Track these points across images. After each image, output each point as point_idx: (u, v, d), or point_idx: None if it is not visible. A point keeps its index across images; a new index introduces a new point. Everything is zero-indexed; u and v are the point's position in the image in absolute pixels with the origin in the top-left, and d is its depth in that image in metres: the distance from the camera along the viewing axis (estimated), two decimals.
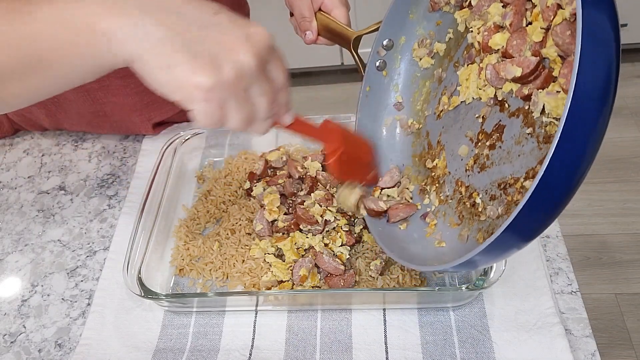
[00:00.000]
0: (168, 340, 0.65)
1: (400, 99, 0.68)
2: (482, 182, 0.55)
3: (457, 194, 0.58)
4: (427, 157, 0.64)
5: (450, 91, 0.62)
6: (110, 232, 0.78)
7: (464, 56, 0.60)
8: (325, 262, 0.65)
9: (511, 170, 0.51)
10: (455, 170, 0.59)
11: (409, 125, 0.68)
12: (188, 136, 0.82)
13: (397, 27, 0.66)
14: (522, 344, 0.60)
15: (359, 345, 0.63)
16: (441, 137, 0.63)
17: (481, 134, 0.57)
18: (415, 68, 0.68)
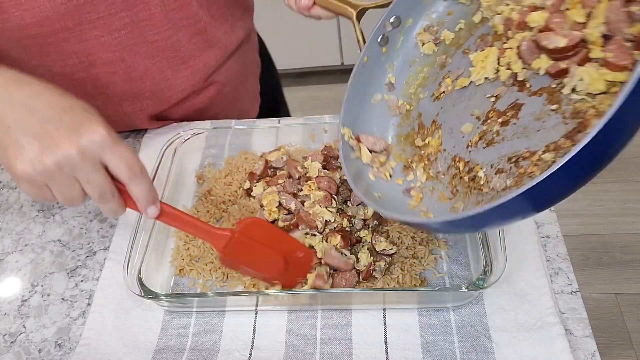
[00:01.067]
0: (168, 340, 0.65)
1: (392, 80, 0.68)
2: (487, 157, 0.55)
3: (452, 169, 0.58)
4: (416, 136, 0.64)
5: (455, 75, 0.62)
6: (110, 232, 0.78)
7: (477, 43, 0.61)
8: (335, 257, 0.65)
9: (526, 144, 0.52)
10: (453, 147, 0.59)
11: (398, 106, 0.67)
12: (188, 136, 0.82)
13: (408, 7, 0.66)
14: (522, 344, 0.60)
15: (359, 345, 0.63)
16: (438, 117, 0.63)
17: (492, 112, 0.57)
18: (416, 52, 0.68)
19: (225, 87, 0.92)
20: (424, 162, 0.62)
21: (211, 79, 0.88)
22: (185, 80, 0.85)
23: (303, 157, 0.78)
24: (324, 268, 0.65)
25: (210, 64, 0.86)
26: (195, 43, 0.82)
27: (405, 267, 0.67)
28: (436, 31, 0.66)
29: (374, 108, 0.68)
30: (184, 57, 0.82)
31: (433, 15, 0.66)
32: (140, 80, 0.81)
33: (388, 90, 0.68)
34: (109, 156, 0.52)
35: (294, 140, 0.84)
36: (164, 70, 0.82)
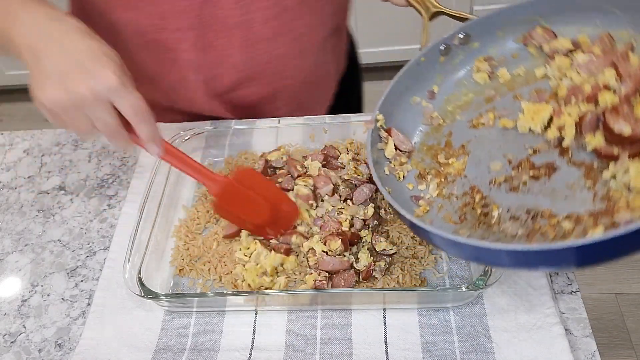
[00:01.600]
0: (168, 340, 0.65)
1: (435, 90, 0.68)
2: (506, 200, 0.56)
3: (467, 197, 0.59)
4: (440, 152, 0.64)
5: (500, 113, 0.63)
6: (110, 232, 0.78)
7: (531, 94, 0.63)
8: (329, 262, 0.65)
9: (549, 205, 0.53)
10: (475, 177, 0.60)
11: (432, 116, 0.67)
12: (188, 136, 0.82)
13: (481, 32, 0.66)
14: (522, 344, 0.60)
15: (359, 345, 0.63)
16: (469, 144, 0.63)
17: (526, 162, 0.58)
18: (468, 76, 0.68)
19: (291, 80, 0.88)
20: (441, 179, 0.62)
21: (280, 70, 0.85)
22: (248, 60, 0.81)
23: (303, 157, 0.78)
24: (323, 274, 0.65)
25: (280, 53, 0.82)
26: (271, 27, 0.78)
27: (405, 267, 0.67)
28: (495, 66, 0.67)
29: (410, 108, 0.68)
30: (255, 38, 0.79)
31: (499, 50, 0.67)
32: (204, 52, 0.79)
33: (428, 98, 0.68)
34: (118, 99, 0.57)
35: (294, 140, 0.84)
36: (231, 48, 0.79)
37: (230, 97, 0.87)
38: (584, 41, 0.62)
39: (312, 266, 0.67)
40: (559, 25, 0.64)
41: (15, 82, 2.44)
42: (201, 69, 0.82)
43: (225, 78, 0.83)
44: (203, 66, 0.81)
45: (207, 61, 0.80)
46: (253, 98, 0.88)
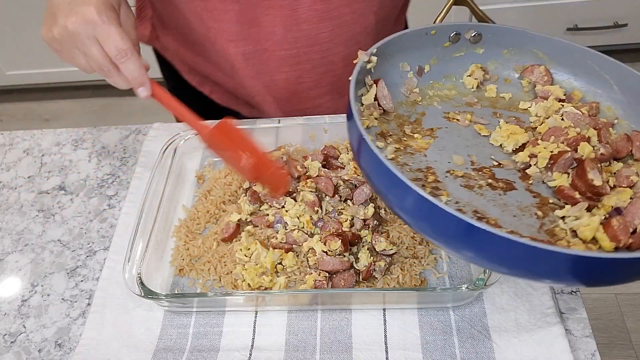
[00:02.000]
0: (168, 340, 0.65)
1: (427, 69, 0.68)
2: (458, 193, 0.56)
3: (420, 173, 0.58)
4: (407, 125, 0.64)
5: (477, 120, 0.64)
6: (110, 232, 0.78)
7: (510, 119, 0.64)
8: (329, 262, 0.65)
9: (497, 215, 0.53)
10: (434, 161, 0.60)
11: (412, 90, 0.67)
12: (188, 136, 0.82)
13: (492, 41, 0.67)
14: (522, 344, 0.60)
15: (359, 345, 0.63)
16: (437, 131, 0.63)
17: (487, 170, 0.59)
18: (459, 74, 0.69)
19: (334, 67, 0.86)
20: (400, 146, 0.62)
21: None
22: (292, 40, 0.80)
23: (303, 157, 0.78)
24: (323, 274, 0.65)
25: (324, 37, 0.80)
26: (315, 11, 0.77)
27: (405, 267, 0.67)
28: (486, 79, 0.68)
29: (396, 71, 0.67)
30: (300, 19, 0.78)
31: (497, 67, 0.68)
32: (248, 25, 0.78)
33: (416, 73, 0.68)
34: (100, 36, 0.60)
35: (294, 140, 0.84)
36: (275, 25, 0.78)
37: (272, 78, 0.85)
38: (576, 97, 0.65)
39: (312, 266, 0.67)
40: (560, 72, 0.66)
41: (15, 82, 2.44)
42: (244, 42, 0.81)
43: (265, 54, 0.82)
44: (247, 39, 0.80)
45: (250, 35, 0.80)
46: (295, 82, 0.87)
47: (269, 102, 0.89)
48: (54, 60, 2.30)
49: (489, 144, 0.62)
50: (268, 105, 0.90)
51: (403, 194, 0.47)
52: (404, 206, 0.50)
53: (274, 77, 0.85)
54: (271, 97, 0.88)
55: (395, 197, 0.50)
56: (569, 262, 0.43)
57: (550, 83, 0.66)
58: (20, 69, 2.36)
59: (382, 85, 0.63)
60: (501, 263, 0.46)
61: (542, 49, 0.66)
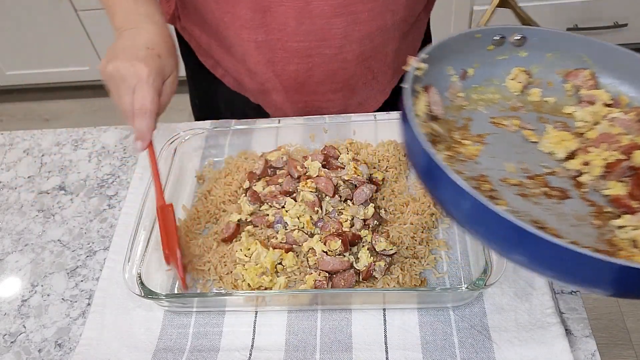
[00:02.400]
0: (168, 340, 0.65)
1: (470, 73, 0.67)
2: (514, 202, 0.55)
3: (475, 182, 0.57)
4: (456, 130, 0.64)
5: (525, 125, 0.63)
6: (110, 232, 0.78)
7: (556, 124, 0.63)
8: (329, 262, 0.65)
9: (555, 225, 0.53)
10: (487, 168, 0.59)
11: (456, 94, 0.66)
12: (188, 136, 0.82)
13: (537, 45, 0.66)
14: (522, 344, 0.60)
15: (359, 345, 0.63)
16: (486, 137, 0.63)
17: (540, 178, 0.58)
18: (502, 77, 0.68)
19: (347, 64, 0.86)
20: (451, 153, 0.61)
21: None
22: (305, 34, 0.80)
23: (303, 157, 0.78)
24: (323, 274, 0.65)
25: (338, 33, 0.80)
26: (330, 5, 0.77)
27: (405, 267, 0.67)
28: (529, 82, 0.67)
29: (441, 76, 0.66)
30: (314, 13, 0.78)
31: (540, 70, 0.67)
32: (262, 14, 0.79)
33: (460, 76, 0.67)
34: (136, 89, 0.68)
35: (294, 140, 0.84)
36: (288, 17, 0.78)
37: (283, 67, 0.85)
38: (623, 102, 0.63)
39: (312, 266, 0.67)
40: (604, 77, 0.65)
41: (15, 82, 2.44)
42: (256, 30, 0.81)
43: (278, 44, 0.82)
44: (259, 27, 0.81)
45: (263, 24, 0.80)
46: (305, 74, 0.86)
47: (278, 90, 0.89)
48: (54, 60, 2.31)
49: (538, 151, 0.61)
50: (277, 93, 0.90)
51: (481, 214, 0.47)
52: (475, 221, 0.50)
53: (285, 67, 0.85)
54: (281, 86, 0.88)
55: (471, 217, 0.50)
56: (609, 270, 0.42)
57: (595, 87, 0.65)
58: (20, 69, 2.36)
59: (434, 91, 0.63)
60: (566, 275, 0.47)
61: (586, 53, 0.65)
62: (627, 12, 1.99)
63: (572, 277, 0.47)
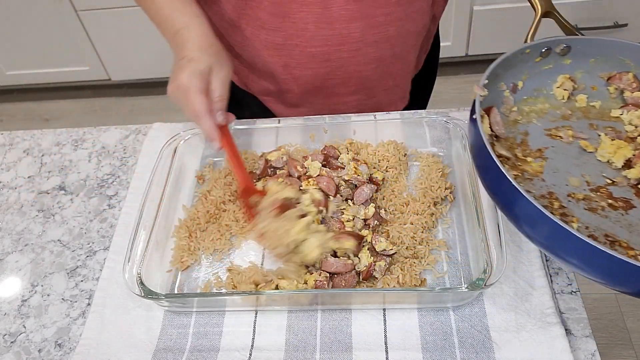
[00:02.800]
0: (168, 340, 0.65)
1: (520, 86, 0.69)
2: (585, 217, 0.57)
3: (545, 200, 0.59)
4: (517, 147, 0.65)
5: (579, 135, 0.65)
6: (110, 232, 0.78)
7: (607, 130, 0.65)
8: (332, 264, 0.65)
9: (627, 237, 0.54)
10: (553, 184, 0.61)
11: (511, 109, 0.68)
12: (188, 136, 0.82)
13: (580, 52, 0.68)
14: (522, 344, 0.60)
15: (359, 345, 0.63)
16: (546, 150, 0.64)
17: (604, 189, 0.59)
18: (549, 86, 0.69)
19: (364, 67, 0.86)
20: (517, 172, 0.62)
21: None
22: (323, 38, 0.81)
23: (303, 157, 0.78)
24: (323, 274, 0.65)
25: (356, 37, 0.81)
26: (349, 10, 0.78)
27: (405, 267, 0.67)
28: (575, 88, 0.68)
29: (495, 93, 0.68)
30: (332, 18, 0.79)
31: (584, 76, 0.69)
32: (282, 18, 0.80)
33: (511, 90, 0.69)
34: (183, 104, 0.71)
35: (294, 140, 0.84)
36: (307, 22, 0.78)
37: (300, 72, 0.86)
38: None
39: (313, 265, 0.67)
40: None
41: (15, 82, 2.44)
42: (274, 33, 0.81)
43: (296, 50, 0.83)
44: (278, 31, 0.81)
45: (282, 28, 0.80)
46: (323, 77, 0.86)
47: (294, 91, 0.89)
48: (54, 60, 2.31)
49: (597, 161, 0.63)
50: (292, 94, 0.90)
51: (563, 239, 0.49)
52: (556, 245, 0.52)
53: (302, 72, 0.85)
54: (297, 88, 0.88)
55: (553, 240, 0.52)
56: None
57: (639, 90, 0.66)
58: (20, 69, 2.36)
59: (496, 112, 0.65)
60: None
61: (629, 57, 0.66)
62: (627, 12, 1.99)
63: None
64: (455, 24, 2.02)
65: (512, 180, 0.52)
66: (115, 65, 2.30)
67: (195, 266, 0.72)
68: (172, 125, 0.90)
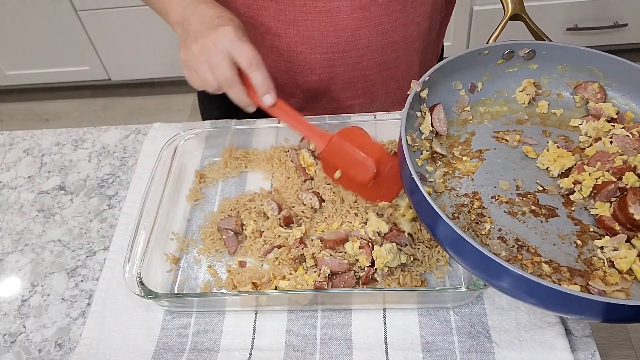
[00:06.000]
0: (168, 340, 0.65)
1: (480, 86, 0.68)
2: (501, 220, 0.57)
3: (467, 199, 0.60)
4: (458, 145, 0.65)
5: (526, 140, 0.65)
6: (110, 232, 0.78)
7: (559, 139, 0.65)
8: (328, 262, 0.65)
9: (537, 243, 0.55)
10: (481, 185, 0.61)
11: (463, 108, 0.68)
12: (188, 136, 0.82)
13: (547, 58, 0.67)
14: (522, 344, 0.60)
15: (359, 345, 0.63)
16: (486, 152, 0.64)
17: (531, 196, 0.60)
18: (511, 90, 0.69)
19: (368, 72, 0.87)
20: (449, 170, 0.63)
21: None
22: (329, 45, 0.81)
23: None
24: (323, 274, 0.65)
25: (362, 44, 0.81)
26: (355, 18, 0.78)
27: (406, 267, 0.67)
28: (538, 94, 0.68)
29: (449, 91, 0.68)
30: (339, 26, 0.79)
31: (550, 82, 0.68)
32: (286, 25, 0.80)
33: (469, 90, 0.68)
34: (235, 50, 0.68)
35: (294, 140, 0.84)
36: (313, 30, 0.79)
37: (304, 78, 0.86)
38: (628, 117, 0.64)
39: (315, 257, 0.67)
40: (613, 90, 0.66)
41: (15, 82, 2.44)
42: (279, 38, 0.82)
43: (301, 56, 0.83)
44: (282, 37, 0.81)
45: (287, 34, 0.81)
46: (327, 83, 0.87)
47: (298, 96, 0.90)
48: (54, 60, 2.31)
49: (535, 167, 0.63)
50: (296, 99, 0.90)
51: (457, 243, 0.50)
52: (453, 246, 0.52)
53: (306, 78, 0.86)
54: (301, 93, 0.89)
55: (447, 239, 0.53)
56: (584, 304, 0.45)
57: (603, 100, 0.66)
58: (20, 69, 2.36)
59: (440, 109, 0.65)
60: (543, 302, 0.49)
61: (597, 66, 0.66)
62: (627, 12, 1.99)
63: (546, 304, 0.48)
64: (455, 24, 2.02)
65: (412, 169, 0.53)
66: (115, 65, 2.30)
67: (195, 266, 0.72)
68: (172, 125, 0.90)
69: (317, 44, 0.80)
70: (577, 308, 0.46)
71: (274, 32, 0.80)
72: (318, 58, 0.82)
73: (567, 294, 0.44)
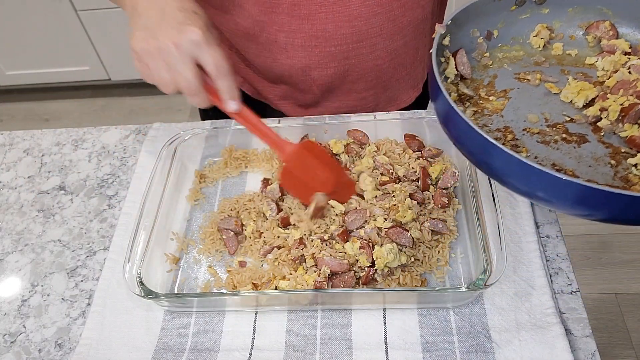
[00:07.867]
0: (168, 340, 0.65)
1: (495, 33, 0.70)
2: (535, 149, 0.59)
3: (499, 133, 0.62)
4: (482, 87, 0.67)
5: (547, 78, 0.67)
6: (110, 232, 0.78)
7: (578, 75, 0.67)
8: (327, 262, 0.65)
9: (574, 167, 0.57)
10: (511, 120, 0.63)
11: (482, 54, 0.70)
12: (188, 136, 0.82)
13: (556, 1, 0.69)
14: (522, 344, 0.60)
15: (359, 345, 0.63)
16: (510, 92, 0.66)
17: (561, 126, 0.62)
18: (526, 35, 0.71)
19: (380, 61, 0.86)
20: (478, 109, 0.65)
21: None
22: (342, 37, 0.81)
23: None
24: (323, 274, 0.65)
25: (374, 32, 0.81)
26: (368, 6, 0.78)
27: (406, 267, 0.67)
28: (552, 38, 0.70)
29: (467, 38, 0.69)
30: (353, 16, 0.79)
31: (562, 25, 0.70)
32: (300, 19, 0.80)
33: (485, 37, 0.70)
34: (200, 53, 0.62)
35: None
36: (327, 22, 0.79)
37: (319, 72, 0.86)
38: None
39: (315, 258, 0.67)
40: (624, 27, 0.68)
41: (15, 82, 2.44)
42: (293, 34, 0.81)
43: (315, 50, 0.83)
44: (296, 32, 0.81)
45: (301, 30, 0.80)
46: (342, 75, 0.87)
47: (313, 91, 0.89)
48: (53, 60, 2.31)
49: (560, 101, 0.64)
50: (311, 95, 0.90)
51: (494, 155, 0.52)
52: (495, 165, 0.54)
53: (322, 72, 0.86)
54: (317, 88, 0.89)
55: (487, 157, 0.54)
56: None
57: (615, 37, 0.67)
58: (20, 69, 2.36)
59: (462, 53, 0.67)
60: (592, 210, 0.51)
61: (606, 5, 0.68)
62: None
63: (590, 209, 0.51)
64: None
65: (452, 103, 0.54)
66: (115, 65, 2.30)
67: (195, 266, 0.72)
68: (172, 125, 0.90)
69: (331, 36, 0.80)
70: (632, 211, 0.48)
71: (288, 29, 0.80)
72: (333, 51, 0.82)
73: (631, 196, 0.46)
